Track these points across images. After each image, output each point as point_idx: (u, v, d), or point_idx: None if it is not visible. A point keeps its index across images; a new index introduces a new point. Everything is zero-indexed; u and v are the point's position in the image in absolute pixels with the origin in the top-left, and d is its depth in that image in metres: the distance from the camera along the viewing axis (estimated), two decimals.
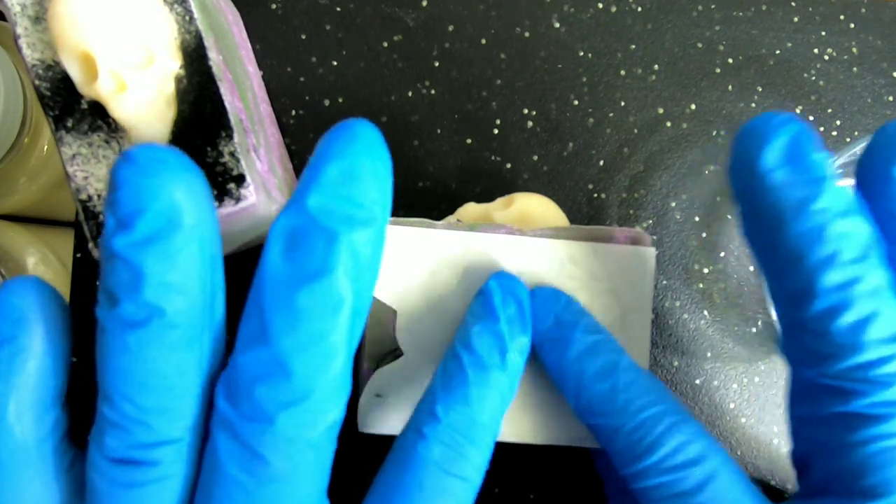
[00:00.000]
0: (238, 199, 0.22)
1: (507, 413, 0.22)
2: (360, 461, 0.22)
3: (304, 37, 0.32)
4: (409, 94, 0.32)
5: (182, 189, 0.14)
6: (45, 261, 0.40)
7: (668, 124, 0.33)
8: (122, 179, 0.14)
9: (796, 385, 0.18)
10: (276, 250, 0.15)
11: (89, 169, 0.22)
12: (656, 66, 0.33)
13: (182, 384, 0.15)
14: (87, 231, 0.22)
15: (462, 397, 0.18)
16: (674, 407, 0.19)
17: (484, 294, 0.20)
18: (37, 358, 0.16)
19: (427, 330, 0.22)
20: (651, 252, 0.23)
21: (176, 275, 0.14)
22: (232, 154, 0.22)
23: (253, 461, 0.15)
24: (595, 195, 0.32)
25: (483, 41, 0.32)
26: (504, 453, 0.30)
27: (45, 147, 0.38)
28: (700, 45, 0.33)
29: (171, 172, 0.14)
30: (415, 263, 0.22)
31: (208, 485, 0.16)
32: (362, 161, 0.15)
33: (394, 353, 0.22)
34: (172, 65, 0.22)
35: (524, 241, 0.22)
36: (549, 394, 0.22)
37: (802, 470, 0.19)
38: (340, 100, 0.32)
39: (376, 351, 0.23)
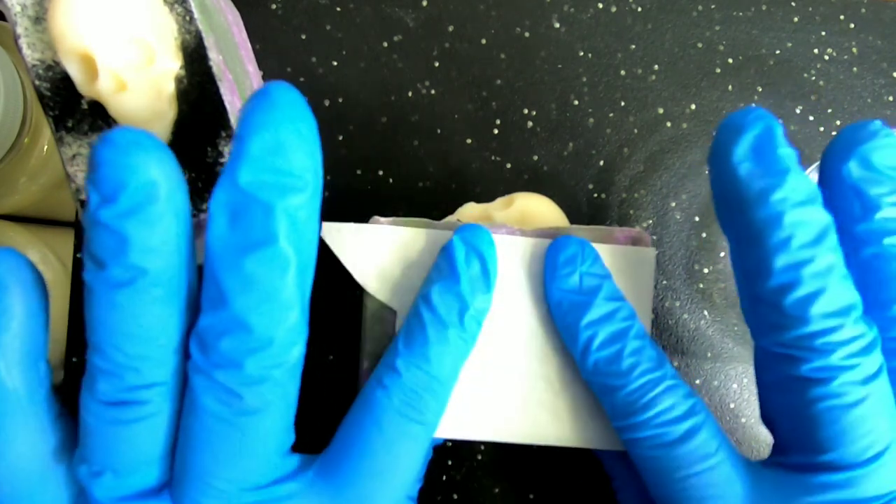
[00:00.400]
0: None
1: (527, 414, 0.22)
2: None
3: (304, 37, 0.32)
4: (409, 94, 0.32)
5: (157, 166, 0.16)
6: (45, 261, 0.40)
7: (669, 124, 0.33)
8: (102, 159, 0.16)
9: (758, 353, 0.21)
10: (221, 223, 0.16)
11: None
12: (656, 67, 0.33)
13: (165, 334, 0.17)
14: None
15: (422, 355, 0.20)
16: (672, 372, 0.21)
17: (447, 251, 0.21)
18: (19, 318, 0.18)
19: None
20: (651, 252, 0.23)
21: (156, 240, 0.16)
22: None
23: (227, 396, 0.17)
24: (595, 195, 0.32)
25: (483, 41, 0.32)
26: (504, 453, 0.30)
27: (45, 147, 0.38)
28: (700, 45, 0.33)
29: (147, 152, 0.16)
30: (413, 263, 0.22)
31: (190, 419, 0.18)
32: (285, 130, 0.16)
33: None
34: (172, 65, 0.22)
35: (524, 241, 0.22)
36: (577, 396, 0.22)
37: (771, 431, 0.22)
38: (340, 100, 0.32)
39: (376, 349, 0.23)
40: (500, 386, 0.22)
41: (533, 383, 0.22)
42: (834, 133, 0.33)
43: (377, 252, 0.22)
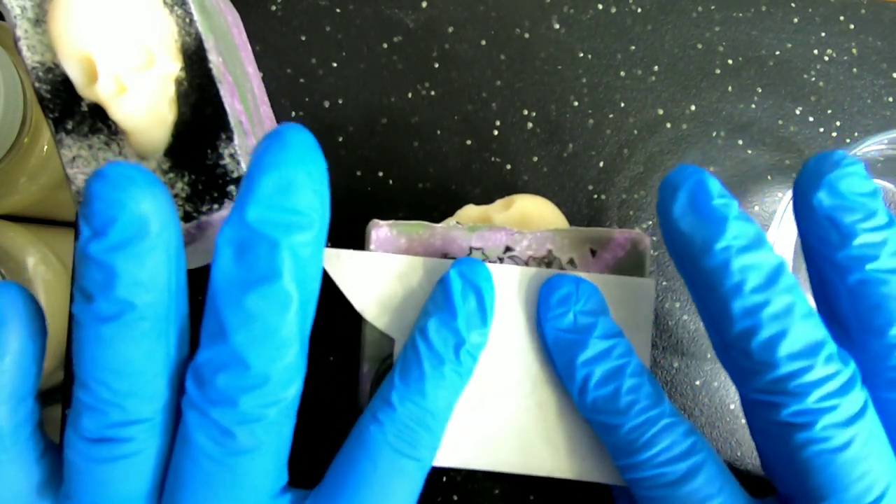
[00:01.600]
0: None
1: (524, 445, 0.22)
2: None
3: (303, 38, 0.32)
4: (409, 95, 0.32)
5: (148, 201, 0.16)
6: (45, 261, 0.40)
7: (668, 125, 0.33)
8: (94, 193, 0.16)
9: (742, 401, 0.21)
10: (226, 258, 0.17)
11: (90, 171, 0.22)
12: (656, 67, 0.33)
13: (151, 369, 0.17)
14: None
15: (417, 390, 0.20)
16: (670, 409, 0.20)
17: (444, 284, 0.21)
18: (12, 354, 0.18)
19: None
20: (650, 283, 0.22)
21: (144, 274, 0.16)
22: (232, 156, 0.22)
23: (220, 435, 0.17)
24: (595, 196, 0.32)
25: (483, 42, 0.32)
26: None
27: (45, 147, 0.38)
28: (700, 45, 0.33)
29: (138, 187, 0.16)
30: (412, 292, 0.22)
31: (180, 456, 0.18)
32: (295, 170, 0.16)
33: (391, 357, 0.22)
34: (172, 67, 0.22)
35: (521, 270, 0.22)
36: (574, 427, 0.22)
37: (771, 479, 0.21)
38: (340, 101, 0.32)
39: (375, 353, 0.23)
40: (496, 415, 0.22)
41: (530, 413, 0.22)
42: (834, 134, 0.33)
43: (376, 280, 0.22)
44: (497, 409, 0.22)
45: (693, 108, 0.33)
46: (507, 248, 0.23)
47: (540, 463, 0.22)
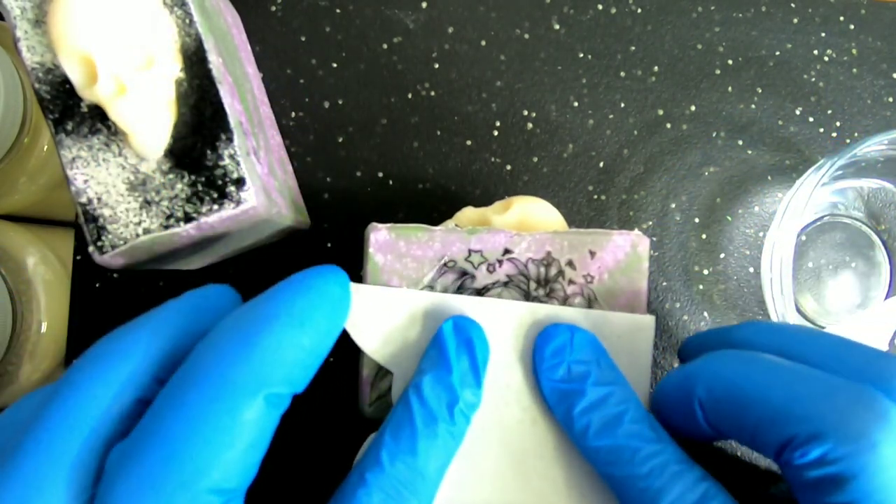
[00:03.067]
0: (238, 202, 0.22)
1: (525, 487, 0.21)
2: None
3: (303, 38, 0.32)
4: (409, 95, 0.32)
5: None
6: (45, 261, 0.40)
7: (668, 126, 0.33)
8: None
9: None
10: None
11: (89, 172, 0.22)
12: (656, 68, 0.33)
13: None
14: (88, 234, 0.22)
15: (408, 448, 0.19)
16: (676, 456, 0.19)
17: (438, 340, 0.21)
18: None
19: None
20: (650, 320, 0.22)
21: None
22: (232, 157, 0.22)
23: None
24: (595, 197, 0.32)
25: (483, 43, 0.32)
26: None
27: (45, 147, 0.38)
28: (700, 46, 0.33)
29: None
30: (409, 324, 0.22)
31: None
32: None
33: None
34: (172, 68, 0.22)
35: (518, 306, 0.22)
36: (575, 468, 0.21)
37: None
38: (340, 101, 0.32)
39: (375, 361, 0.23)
40: (495, 457, 0.21)
41: (530, 454, 0.21)
42: (834, 134, 0.33)
43: (375, 314, 0.22)
44: (495, 450, 0.21)
45: (693, 108, 0.33)
46: (506, 251, 0.23)
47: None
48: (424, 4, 0.32)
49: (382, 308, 0.22)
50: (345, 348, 0.30)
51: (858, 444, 0.16)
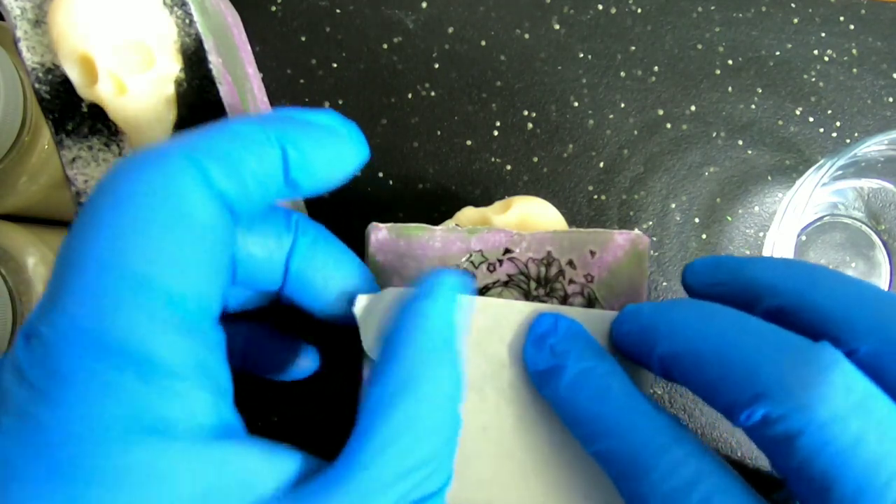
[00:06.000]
0: None
1: (522, 484, 0.21)
2: None
3: (303, 39, 0.32)
4: (409, 95, 0.32)
5: None
6: (44, 261, 0.40)
7: (668, 126, 0.33)
8: None
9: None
10: None
11: (89, 172, 0.22)
12: (656, 68, 0.33)
13: None
14: None
15: None
16: (666, 423, 0.18)
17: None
18: None
19: None
20: None
21: None
22: None
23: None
24: (595, 197, 0.32)
25: (483, 43, 0.32)
26: None
27: (46, 147, 0.38)
28: (700, 46, 0.33)
29: None
30: None
31: None
32: None
33: None
34: (172, 68, 0.22)
35: (518, 305, 0.22)
36: (575, 466, 0.21)
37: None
38: (340, 101, 0.32)
39: None
40: (495, 456, 0.21)
41: (530, 453, 0.21)
42: (834, 134, 0.33)
43: (376, 314, 0.21)
44: (494, 448, 0.21)
45: (693, 108, 0.33)
46: (507, 250, 0.23)
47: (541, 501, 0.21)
48: (424, 4, 0.32)
49: (383, 308, 0.22)
50: (345, 349, 0.30)
51: (797, 402, 0.16)
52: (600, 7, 0.33)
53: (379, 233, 0.23)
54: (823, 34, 0.33)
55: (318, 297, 0.21)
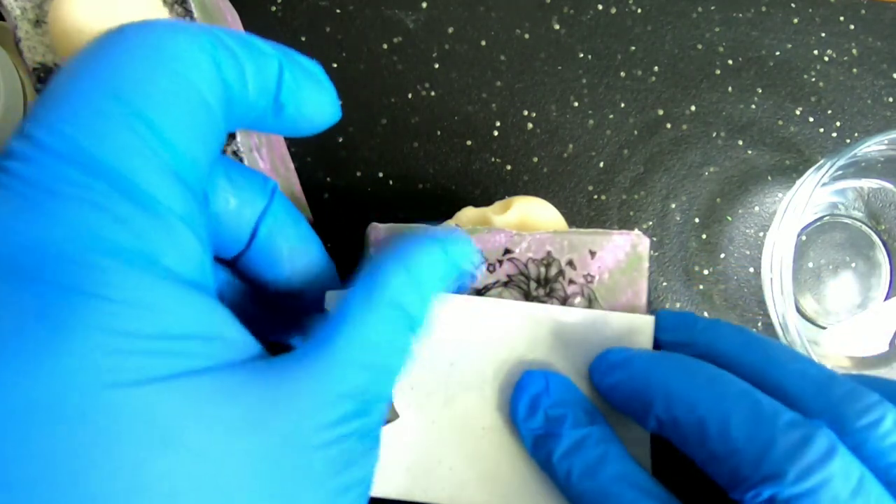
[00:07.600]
0: None
1: (496, 481, 0.21)
2: None
3: (303, 38, 0.32)
4: (409, 95, 0.32)
5: None
6: None
7: (668, 126, 0.33)
8: None
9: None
10: None
11: None
12: (656, 68, 0.33)
13: None
14: None
15: None
16: (659, 495, 0.19)
17: None
18: None
19: (423, 393, 0.22)
20: (649, 321, 0.22)
21: None
22: (235, 153, 0.22)
23: None
24: (595, 197, 0.32)
25: (483, 43, 0.32)
26: None
27: None
28: (700, 46, 0.33)
29: None
30: None
31: None
32: None
33: None
34: None
35: (518, 305, 0.22)
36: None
37: None
38: (340, 101, 0.32)
39: None
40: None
41: (505, 449, 0.21)
42: (834, 134, 0.33)
43: None
44: (471, 443, 0.21)
45: (693, 108, 0.33)
46: (507, 251, 0.23)
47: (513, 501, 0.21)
48: (424, 4, 0.32)
49: None
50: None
51: (803, 486, 0.17)
52: (600, 7, 0.33)
53: (379, 233, 0.23)
54: (823, 34, 0.33)
55: (281, 268, 0.20)
